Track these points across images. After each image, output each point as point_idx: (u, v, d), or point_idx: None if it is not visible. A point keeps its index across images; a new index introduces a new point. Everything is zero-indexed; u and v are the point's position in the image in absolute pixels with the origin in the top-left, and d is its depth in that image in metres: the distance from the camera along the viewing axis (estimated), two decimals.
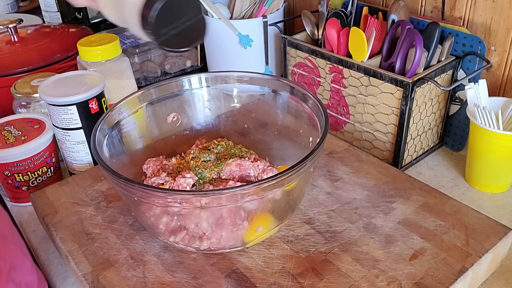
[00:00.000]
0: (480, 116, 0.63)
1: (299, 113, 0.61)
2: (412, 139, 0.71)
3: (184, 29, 0.47)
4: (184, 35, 0.47)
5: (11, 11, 1.45)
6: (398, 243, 0.52)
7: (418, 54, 0.64)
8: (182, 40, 0.48)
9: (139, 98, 0.62)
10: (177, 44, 0.48)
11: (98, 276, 0.51)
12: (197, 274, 0.51)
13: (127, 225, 0.58)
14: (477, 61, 0.69)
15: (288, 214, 0.54)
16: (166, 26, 0.45)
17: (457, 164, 0.74)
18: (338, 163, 0.66)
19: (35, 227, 0.66)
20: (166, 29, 0.45)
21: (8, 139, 0.67)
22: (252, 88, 0.65)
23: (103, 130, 0.55)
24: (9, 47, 0.92)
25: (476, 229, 0.53)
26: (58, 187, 0.65)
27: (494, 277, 0.55)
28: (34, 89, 0.76)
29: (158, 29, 0.45)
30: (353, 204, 0.58)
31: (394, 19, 0.73)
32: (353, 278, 0.49)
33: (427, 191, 0.60)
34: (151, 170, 0.61)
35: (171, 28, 0.46)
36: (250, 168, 0.60)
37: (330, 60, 0.75)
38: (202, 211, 0.49)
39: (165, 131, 0.66)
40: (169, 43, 0.47)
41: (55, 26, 1.02)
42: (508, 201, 0.66)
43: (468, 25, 0.72)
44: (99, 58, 0.74)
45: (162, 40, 0.46)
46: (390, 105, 0.68)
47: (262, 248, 0.53)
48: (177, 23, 0.46)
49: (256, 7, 0.92)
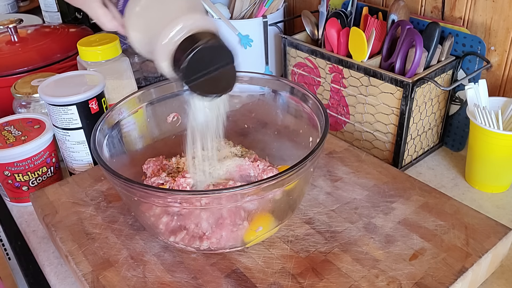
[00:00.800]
0: (480, 116, 0.63)
1: (299, 113, 0.61)
2: (412, 139, 0.71)
3: (214, 76, 0.46)
4: (213, 82, 0.46)
5: (11, 11, 1.45)
6: (398, 243, 0.52)
7: (418, 54, 0.64)
8: (211, 86, 0.47)
9: (139, 98, 0.62)
10: (205, 90, 0.47)
11: (98, 276, 0.51)
12: (197, 274, 0.51)
13: (127, 225, 0.58)
14: (477, 61, 0.69)
15: (288, 214, 0.54)
16: (197, 72, 0.44)
17: (457, 164, 0.74)
18: (338, 163, 0.66)
19: (35, 227, 0.66)
20: (196, 74, 0.45)
21: (8, 139, 0.67)
22: (252, 88, 0.65)
23: (103, 130, 0.55)
24: (9, 47, 0.92)
25: (476, 229, 0.53)
26: (58, 187, 0.65)
27: (494, 277, 0.54)
28: (34, 89, 0.76)
29: (189, 74, 0.44)
30: (353, 204, 0.58)
31: (394, 19, 0.73)
32: (353, 278, 0.49)
33: (427, 191, 0.59)
34: (151, 170, 0.61)
35: (202, 74, 0.45)
36: (250, 168, 0.60)
37: (330, 60, 0.75)
38: (202, 211, 0.49)
39: (165, 131, 0.66)
40: (197, 88, 0.46)
41: (55, 26, 1.02)
42: (508, 201, 0.66)
43: (468, 25, 0.72)
44: (99, 58, 0.74)
45: (190, 85, 0.45)
46: (390, 105, 0.68)
47: (262, 248, 0.53)
48: (208, 70, 0.45)
49: (256, 7, 0.92)
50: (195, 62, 0.44)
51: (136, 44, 0.49)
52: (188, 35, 0.44)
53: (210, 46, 0.44)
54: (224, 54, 0.46)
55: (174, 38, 0.44)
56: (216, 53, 0.45)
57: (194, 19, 0.44)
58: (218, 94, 0.48)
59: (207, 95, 0.48)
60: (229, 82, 0.48)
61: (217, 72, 0.46)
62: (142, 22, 0.47)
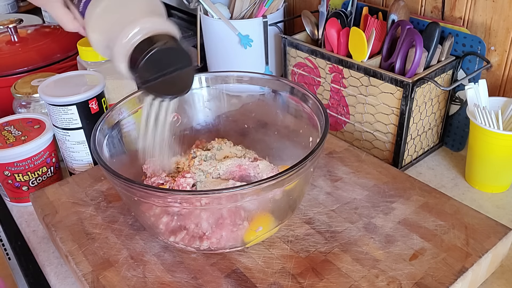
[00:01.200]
0: (480, 116, 0.63)
1: (299, 113, 0.61)
2: (412, 139, 0.71)
3: (170, 78, 0.46)
4: (169, 84, 0.47)
5: (11, 11, 1.45)
6: (398, 243, 0.52)
7: (418, 54, 0.64)
8: (166, 88, 0.47)
9: (139, 98, 0.62)
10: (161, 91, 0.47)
11: (98, 276, 0.51)
12: (197, 274, 0.51)
13: (127, 225, 0.58)
14: (477, 61, 0.69)
15: (288, 214, 0.54)
16: (153, 73, 0.45)
17: (457, 164, 0.74)
18: (338, 163, 0.66)
19: (35, 227, 0.66)
20: (153, 76, 0.45)
21: (8, 139, 0.67)
22: (252, 88, 0.65)
23: (103, 130, 0.55)
24: (9, 47, 0.92)
25: (476, 229, 0.53)
26: (58, 187, 0.65)
27: (494, 277, 0.55)
28: (34, 89, 0.76)
29: (144, 75, 0.45)
30: (353, 204, 0.58)
31: (394, 19, 0.73)
32: (353, 278, 0.49)
33: (427, 191, 0.59)
34: (151, 170, 0.61)
35: (158, 75, 0.45)
36: (250, 168, 0.60)
37: (330, 60, 0.75)
38: (202, 211, 0.49)
39: None
40: (153, 89, 0.47)
41: (55, 26, 1.02)
42: (508, 201, 0.66)
43: (468, 25, 0.72)
44: (99, 58, 0.74)
45: (145, 86, 0.46)
46: (390, 105, 0.68)
47: (262, 248, 0.53)
48: (165, 71, 0.46)
49: (256, 7, 0.92)
50: (151, 64, 0.44)
51: (96, 45, 0.50)
52: (145, 37, 0.44)
53: (167, 48, 0.44)
54: (181, 57, 0.46)
55: (132, 39, 0.45)
56: (173, 55, 0.46)
57: (153, 22, 0.45)
58: (173, 95, 0.49)
59: (162, 96, 0.48)
60: (185, 84, 0.49)
61: (174, 74, 0.46)
62: (102, 24, 0.48)
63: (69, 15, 0.52)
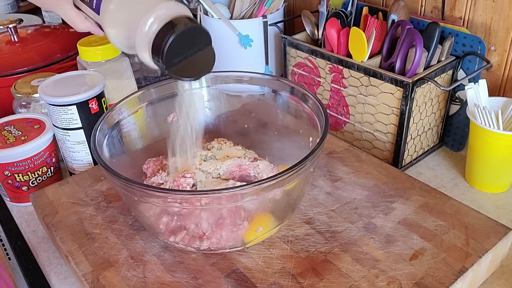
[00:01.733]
0: (480, 116, 0.63)
1: (299, 113, 0.61)
2: (412, 139, 0.71)
3: (194, 59, 0.47)
4: (193, 65, 0.47)
5: (11, 11, 1.45)
6: (398, 243, 0.52)
7: (418, 54, 0.64)
8: (191, 69, 0.48)
9: (139, 98, 0.62)
10: (186, 73, 0.47)
11: (98, 276, 0.51)
12: (197, 274, 0.51)
13: (127, 225, 0.58)
14: (477, 61, 0.69)
15: (288, 214, 0.54)
16: (177, 57, 0.45)
17: (457, 164, 0.74)
18: (338, 163, 0.66)
19: (35, 227, 0.66)
20: (177, 59, 0.45)
21: (8, 139, 0.67)
22: (252, 88, 0.65)
23: (103, 130, 0.55)
24: (9, 47, 0.92)
25: (476, 229, 0.53)
26: (58, 187, 0.65)
27: (494, 277, 0.55)
28: (34, 89, 0.76)
29: (169, 60, 0.45)
30: (353, 204, 0.58)
31: (394, 19, 0.73)
32: (353, 278, 0.49)
33: (427, 191, 0.59)
34: (151, 170, 0.61)
35: (181, 58, 0.46)
36: (250, 168, 0.60)
37: (330, 60, 0.75)
38: (202, 211, 0.49)
39: (165, 131, 0.66)
40: (178, 72, 0.47)
41: (55, 26, 1.02)
42: (508, 201, 0.66)
43: (468, 25, 0.72)
44: (99, 58, 0.74)
45: (171, 70, 0.46)
46: (390, 105, 0.68)
47: (262, 248, 0.53)
48: (187, 53, 0.46)
49: (256, 7, 0.92)
50: (175, 47, 0.44)
51: (115, 40, 0.50)
52: (164, 23, 0.45)
53: (187, 29, 0.45)
54: (201, 36, 0.46)
55: (152, 28, 0.45)
56: (193, 36, 0.46)
57: (168, 7, 0.45)
58: (198, 76, 0.49)
59: (188, 78, 0.48)
60: (209, 62, 0.49)
61: (196, 55, 0.47)
62: (118, 18, 0.48)
63: (81, 15, 0.53)
